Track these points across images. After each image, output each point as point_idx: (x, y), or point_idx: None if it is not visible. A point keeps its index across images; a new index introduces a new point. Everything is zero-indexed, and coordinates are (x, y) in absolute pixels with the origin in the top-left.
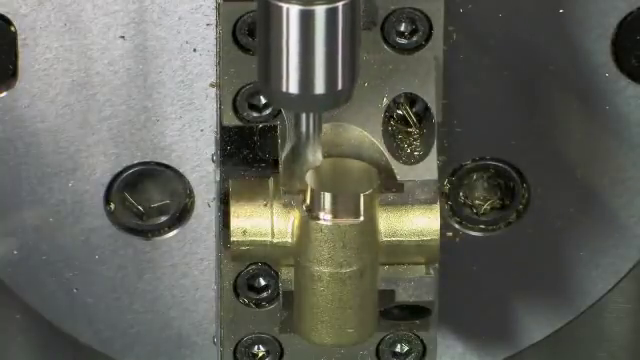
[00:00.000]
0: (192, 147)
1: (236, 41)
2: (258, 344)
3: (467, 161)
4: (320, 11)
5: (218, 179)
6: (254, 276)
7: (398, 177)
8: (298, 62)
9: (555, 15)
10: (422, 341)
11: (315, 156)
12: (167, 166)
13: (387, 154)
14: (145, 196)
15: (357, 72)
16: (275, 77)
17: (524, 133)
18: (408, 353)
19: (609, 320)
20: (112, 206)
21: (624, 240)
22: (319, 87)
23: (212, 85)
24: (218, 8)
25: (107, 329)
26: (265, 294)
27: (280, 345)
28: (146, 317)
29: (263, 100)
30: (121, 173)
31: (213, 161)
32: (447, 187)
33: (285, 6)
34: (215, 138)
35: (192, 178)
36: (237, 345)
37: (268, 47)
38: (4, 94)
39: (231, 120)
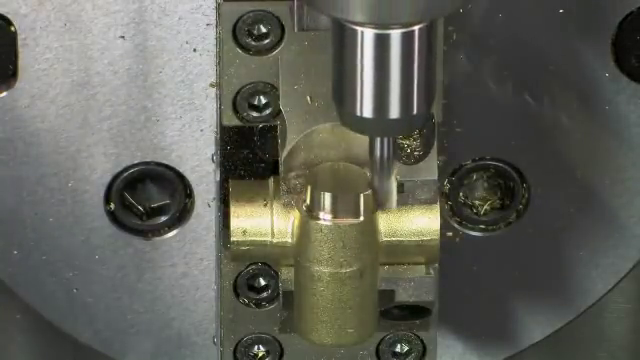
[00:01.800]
0: (192, 147)
1: (236, 41)
2: (258, 344)
3: (467, 161)
4: (396, 35)
5: (218, 179)
6: (254, 276)
7: (398, 177)
8: (373, 87)
9: (555, 15)
10: (422, 341)
11: (389, 180)
12: (167, 166)
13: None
14: (145, 196)
15: (433, 96)
16: (349, 101)
17: (524, 133)
18: (408, 353)
19: (609, 320)
20: (112, 206)
21: (624, 240)
22: (394, 112)
23: (212, 85)
24: (218, 8)
25: (107, 329)
26: (265, 294)
27: (280, 345)
28: (146, 317)
29: (263, 100)
30: (121, 173)
31: (213, 161)
32: (447, 187)
33: (360, 29)
34: (215, 138)
35: (192, 178)
36: (237, 345)
37: (342, 70)
38: (4, 94)
39: (231, 120)
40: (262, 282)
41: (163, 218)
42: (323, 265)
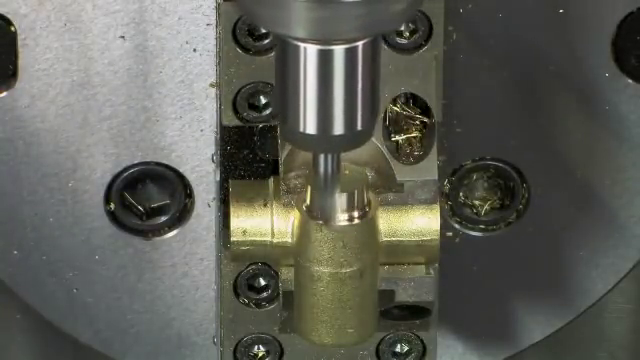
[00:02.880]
0: (192, 147)
1: (236, 41)
2: (258, 344)
3: (467, 161)
4: (339, 51)
5: (218, 179)
6: (254, 276)
7: (398, 177)
8: (316, 103)
9: (555, 15)
10: (422, 341)
11: (333, 196)
12: (167, 166)
13: (387, 154)
14: (145, 196)
15: (377, 111)
16: (293, 116)
17: (524, 133)
18: (408, 353)
19: (609, 320)
20: (112, 206)
21: (624, 240)
22: (338, 128)
23: (212, 85)
24: (218, 8)
25: (107, 329)
26: (265, 294)
27: (280, 345)
28: (146, 317)
29: (263, 100)
30: (121, 173)
31: (213, 161)
32: (447, 187)
33: (303, 45)
34: (215, 138)
35: (192, 178)
36: (237, 345)
37: (285, 86)
38: (4, 94)
39: (231, 120)
40: (262, 282)
41: (163, 218)
42: (323, 265)
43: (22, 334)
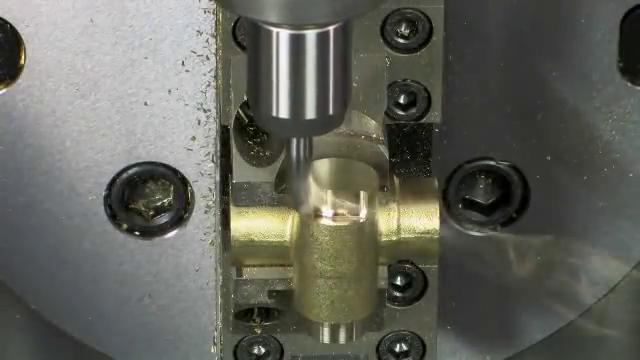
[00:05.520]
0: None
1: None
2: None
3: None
4: (311, 35)
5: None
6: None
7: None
8: (288, 87)
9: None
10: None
11: (305, 180)
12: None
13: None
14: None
15: (349, 96)
16: (265, 102)
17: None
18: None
19: (609, 320)
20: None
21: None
22: (310, 112)
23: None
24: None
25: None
26: None
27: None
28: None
29: None
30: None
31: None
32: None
33: (275, 30)
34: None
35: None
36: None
37: (258, 71)
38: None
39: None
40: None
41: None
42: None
43: (22, 334)
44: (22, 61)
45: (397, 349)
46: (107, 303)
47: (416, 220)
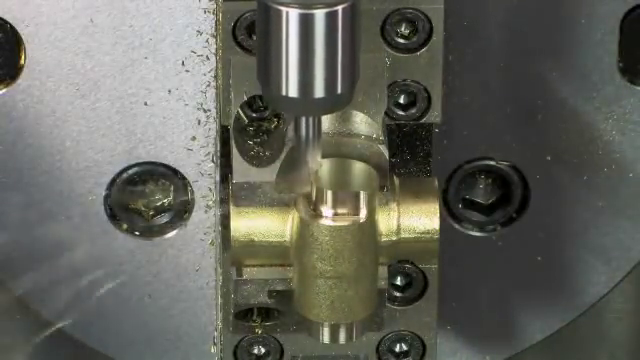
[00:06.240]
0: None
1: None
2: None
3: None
4: (320, 14)
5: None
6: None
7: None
8: (298, 66)
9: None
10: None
11: (314, 159)
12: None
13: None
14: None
15: (357, 76)
16: (275, 81)
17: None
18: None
19: (609, 320)
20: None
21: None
22: (319, 91)
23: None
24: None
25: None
26: None
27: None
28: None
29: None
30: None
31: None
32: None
33: (285, 10)
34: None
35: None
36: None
37: (268, 50)
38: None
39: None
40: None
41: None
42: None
43: (22, 334)
44: (22, 61)
45: (397, 349)
46: (107, 303)
47: (416, 220)
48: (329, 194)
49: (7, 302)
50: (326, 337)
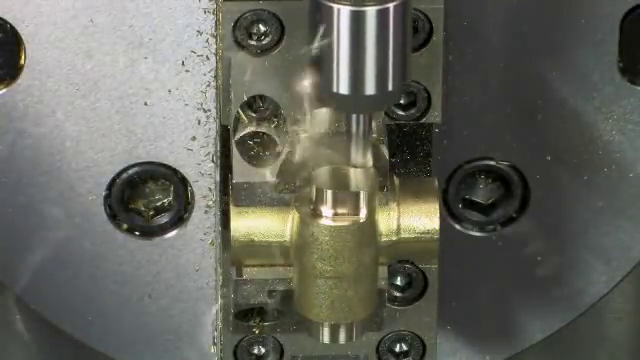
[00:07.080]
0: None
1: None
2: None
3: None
4: (371, 12)
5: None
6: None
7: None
8: (349, 63)
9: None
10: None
11: (365, 157)
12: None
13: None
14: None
15: (408, 72)
16: (326, 78)
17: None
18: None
19: (609, 320)
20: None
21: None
22: (369, 88)
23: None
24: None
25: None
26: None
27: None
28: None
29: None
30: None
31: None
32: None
33: (336, 7)
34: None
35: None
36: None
37: (319, 48)
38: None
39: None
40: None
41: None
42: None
43: (22, 334)
44: (22, 61)
45: (397, 349)
46: (107, 303)
47: (416, 220)
48: (329, 194)
49: (7, 302)
50: (326, 337)
